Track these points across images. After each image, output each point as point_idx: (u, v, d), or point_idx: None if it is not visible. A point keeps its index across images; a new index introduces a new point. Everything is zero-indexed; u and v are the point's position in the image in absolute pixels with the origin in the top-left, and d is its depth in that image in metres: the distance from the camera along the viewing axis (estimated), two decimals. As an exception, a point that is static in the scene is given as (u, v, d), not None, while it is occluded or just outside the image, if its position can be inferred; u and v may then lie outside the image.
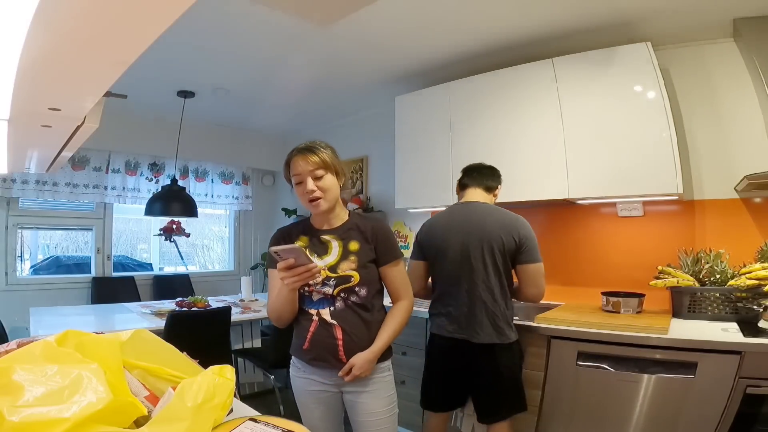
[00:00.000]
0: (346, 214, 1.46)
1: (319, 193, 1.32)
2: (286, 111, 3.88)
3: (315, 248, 1.40)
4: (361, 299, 1.37)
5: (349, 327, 1.35)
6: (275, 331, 2.83)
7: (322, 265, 1.36)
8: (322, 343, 1.36)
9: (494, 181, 2.00)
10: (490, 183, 1.98)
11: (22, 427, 0.58)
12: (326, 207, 1.35)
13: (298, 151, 1.35)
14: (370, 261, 1.39)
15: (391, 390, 1.44)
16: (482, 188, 1.96)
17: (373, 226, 1.43)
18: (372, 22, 2.21)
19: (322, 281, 1.35)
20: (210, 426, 0.73)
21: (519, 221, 1.82)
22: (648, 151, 2.06)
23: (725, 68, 2.16)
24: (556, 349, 1.97)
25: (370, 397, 1.39)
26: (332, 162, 1.35)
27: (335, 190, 1.36)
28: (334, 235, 1.41)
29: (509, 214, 1.85)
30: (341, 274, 1.35)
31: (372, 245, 1.40)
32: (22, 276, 3.64)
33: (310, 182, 1.31)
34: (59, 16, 0.54)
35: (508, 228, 1.79)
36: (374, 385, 1.39)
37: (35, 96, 0.91)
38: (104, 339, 0.83)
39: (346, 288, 1.35)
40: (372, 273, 1.40)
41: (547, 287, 1.83)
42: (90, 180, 3.81)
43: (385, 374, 1.43)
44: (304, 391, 1.43)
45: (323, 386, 1.40)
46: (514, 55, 2.51)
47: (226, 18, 2.17)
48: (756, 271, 1.81)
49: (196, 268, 4.79)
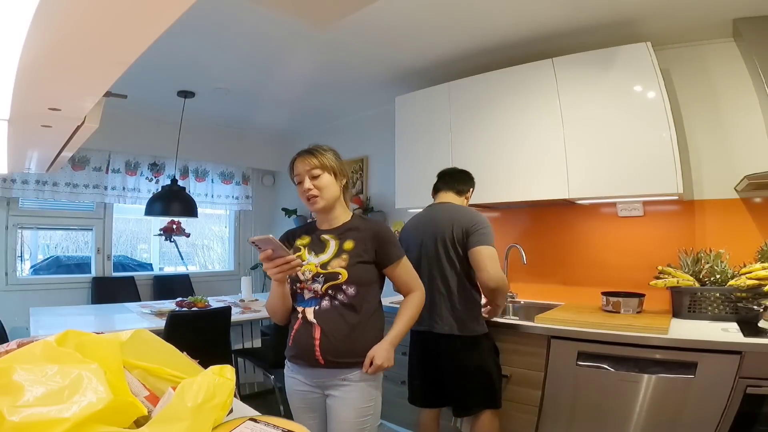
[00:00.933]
0: (348, 215, 1.48)
1: (315, 192, 1.39)
2: (286, 111, 3.88)
3: (314, 246, 1.44)
4: (349, 298, 1.36)
5: (329, 327, 1.35)
6: (275, 331, 2.83)
7: (316, 262, 1.39)
8: (302, 342, 1.38)
9: (465, 184, 2.11)
10: (461, 187, 2.09)
11: (22, 427, 0.58)
12: (323, 205, 1.41)
13: (299, 154, 1.44)
14: (364, 261, 1.39)
15: (367, 402, 1.37)
16: (453, 192, 2.07)
17: (373, 228, 1.45)
18: (372, 22, 2.21)
19: (312, 277, 1.37)
20: (210, 426, 0.73)
21: (473, 214, 1.91)
22: (648, 151, 2.06)
23: (725, 68, 2.16)
24: (556, 349, 1.97)
25: (342, 403, 1.35)
26: (330, 163, 1.42)
27: (332, 189, 1.41)
28: (333, 234, 1.44)
29: (470, 211, 1.95)
30: (330, 271, 1.37)
31: (371, 248, 1.41)
32: (22, 276, 3.64)
33: (308, 181, 1.40)
34: (59, 16, 0.54)
35: (460, 221, 1.88)
36: (350, 392, 1.35)
37: (35, 96, 0.91)
38: (104, 339, 0.83)
39: (333, 285, 1.36)
40: (364, 273, 1.39)
41: (547, 287, 1.84)
42: (90, 180, 3.81)
43: (366, 381, 1.37)
44: (292, 390, 1.45)
45: (307, 386, 1.41)
46: (514, 55, 2.51)
47: (226, 18, 2.17)
48: (756, 271, 1.81)
49: (196, 268, 4.79)
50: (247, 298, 3.44)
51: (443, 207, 2.01)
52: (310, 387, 1.41)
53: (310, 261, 1.41)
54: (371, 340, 1.39)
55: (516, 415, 2.06)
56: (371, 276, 1.42)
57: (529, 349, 2.04)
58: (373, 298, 1.44)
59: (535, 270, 2.68)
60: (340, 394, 1.36)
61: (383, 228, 1.49)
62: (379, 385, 1.43)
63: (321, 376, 1.38)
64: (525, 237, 2.74)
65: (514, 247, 2.64)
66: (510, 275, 2.74)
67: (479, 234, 1.82)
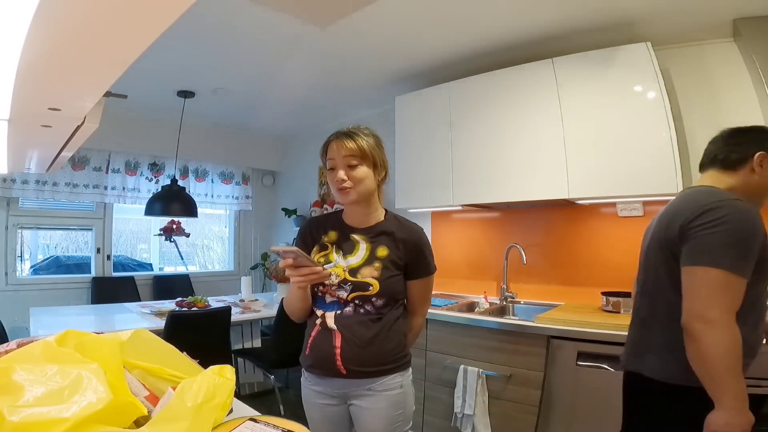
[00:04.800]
0: (382, 213, 1.34)
1: (349, 183, 1.22)
2: (286, 111, 3.88)
3: (342, 245, 1.30)
4: (377, 310, 1.24)
5: (351, 335, 1.22)
6: (275, 331, 2.83)
7: (344, 266, 1.26)
8: (321, 351, 1.25)
9: (739, 148, 1.24)
10: (731, 154, 1.24)
11: (22, 427, 0.58)
12: (355, 198, 1.24)
13: (336, 136, 1.26)
14: (396, 272, 1.26)
15: (397, 410, 1.26)
16: (716, 167, 1.28)
17: (411, 238, 1.30)
18: (372, 22, 2.21)
19: (338, 283, 1.24)
20: (210, 426, 0.73)
21: (708, 197, 1.15)
22: (648, 151, 2.06)
23: (725, 68, 2.16)
24: (556, 349, 1.97)
25: (370, 414, 1.25)
26: (371, 152, 1.25)
27: (369, 182, 1.25)
28: (364, 236, 1.29)
29: (712, 194, 1.17)
30: (360, 280, 1.23)
31: (405, 257, 1.28)
32: (22, 276, 3.64)
33: (342, 171, 1.22)
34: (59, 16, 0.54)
35: (681, 211, 1.18)
36: (377, 402, 1.24)
37: (35, 96, 0.91)
38: (104, 339, 0.83)
39: (361, 296, 1.23)
40: (395, 285, 1.27)
41: (547, 287, 1.83)
42: (90, 180, 3.81)
43: (393, 390, 1.26)
44: (311, 403, 1.33)
45: (328, 398, 1.29)
46: (514, 55, 2.51)
47: (226, 18, 2.17)
48: (756, 271, 1.81)
49: (196, 268, 4.79)
50: (247, 298, 3.44)
51: (683, 194, 1.29)
52: (331, 398, 1.29)
53: (338, 263, 1.26)
54: (396, 346, 1.28)
55: (516, 415, 2.07)
56: (402, 287, 1.29)
57: (529, 349, 2.04)
58: (400, 306, 1.32)
59: (535, 270, 2.68)
60: (367, 404, 1.24)
61: (422, 238, 1.33)
62: (408, 389, 1.31)
63: (344, 386, 1.26)
64: (525, 237, 2.74)
65: (514, 247, 2.64)
66: (510, 275, 2.75)
67: (699, 239, 1.09)
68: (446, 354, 2.33)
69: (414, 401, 1.35)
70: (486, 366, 2.17)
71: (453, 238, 3.14)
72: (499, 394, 2.13)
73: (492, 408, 2.14)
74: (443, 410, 2.32)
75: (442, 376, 2.33)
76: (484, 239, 2.98)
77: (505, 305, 2.71)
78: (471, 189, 2.64)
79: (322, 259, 1.30)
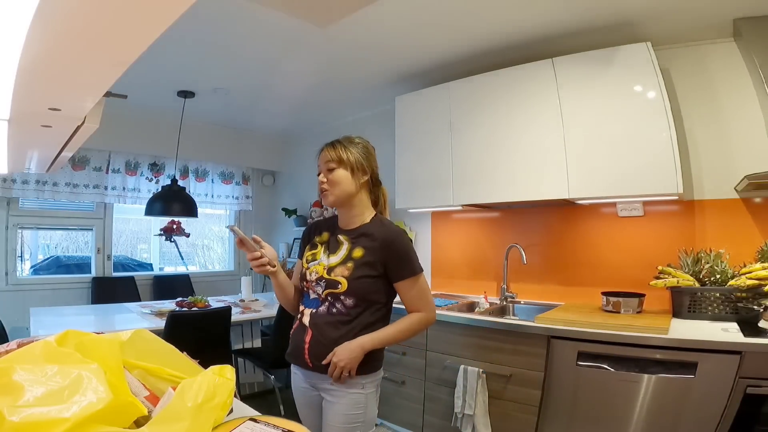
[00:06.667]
0: (368, 216, 1.40)
1: (326, 186, 1.36)
2: (286, 111, 3.88)
3: (330, 245, 1.40)
4: (347, 309, 1.30)
5: (319, 334, 1.31)
6: (275, 331, 2.83)
7: (326, 264, 1.35)
8: (295, 342, 1.39)
9: None
10: None
11: (22, 427, 0.58)
12: (332, 200, 1.36)
13: (326, 144, 1.42)
14: (370, 275, 1.30)
15: (355, 409, 1.30)
16: None
17: (386, 238, 1.33)
18: (372, 23, 2.21)
19: (316, 279, 1.35)
20: (210, 426, 0.73)
21: None
22: (648, 151, 2.06)
23: (725, 68, 2.16)
24: (556, 349, 1.97)
25: (331, 407, 1.32)
26: (349, 157, 1.36)
27: (345, 185, 1.35)
28: (348, 236, 1.38)
29: None
30: (332, 278, 1.32)
31: (380, 260, 1.31)
32: (22, 276, 3.64)
33: (322, 174, 1.38)
34: (59, 16, 0.54)
35: None
36: (339, 398, 1.31)
37: (35, 96, 0.91)
38: (104, 339, 0.83)
39: (332, 293, 1.32)
40: (368, 287, 1.30)
41: (547, 287, 1.83)
42: (90, 180, 3.81)
43: (355, 390, 1.30)
44: (295, 386, 1.46)
45: (306, 384, 1.41)
46: (514, 55, 2.51)
47: (226, 18, 2.17)
48: (756, 271, 1.82)
49: (196, 268, 4.78)
50: (247, 298, 3.44)
51: None
52: (308, 385, 1.41)
53: (321, 261, 1.37)
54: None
55: (516, 415, 2.07)
56: (376, 290, 1.32)
57: (529, 349, 2.04)
58: (377, 311, 1.34)
59: (535, 270, 2.68)
60: (330, 398, 1.33)
61: (398, 238, 1.34)
62: (372, 393, 1.35)
63: (311, 377, 1.37)
64: (525, 237, 2.74)
65: (514, 247, 2.64)
66: (510, 275, 2.75)
67: None
68: (446, 354, 2.33)
69: (377, 408, 1.39)
70: (486, 366, 2.17)
71: (453, 238, 3.15)
72: (500, 394, 2.13)
73: (492, 408, 2.14)
74: (443, 410, 2.32)
75: (442, 376, 2.33)
76: (484, 239, 2.98)
77: (505, 305, 2.71)
78: (471, 189, 2.64)
79: (310, 256, 1.43)
